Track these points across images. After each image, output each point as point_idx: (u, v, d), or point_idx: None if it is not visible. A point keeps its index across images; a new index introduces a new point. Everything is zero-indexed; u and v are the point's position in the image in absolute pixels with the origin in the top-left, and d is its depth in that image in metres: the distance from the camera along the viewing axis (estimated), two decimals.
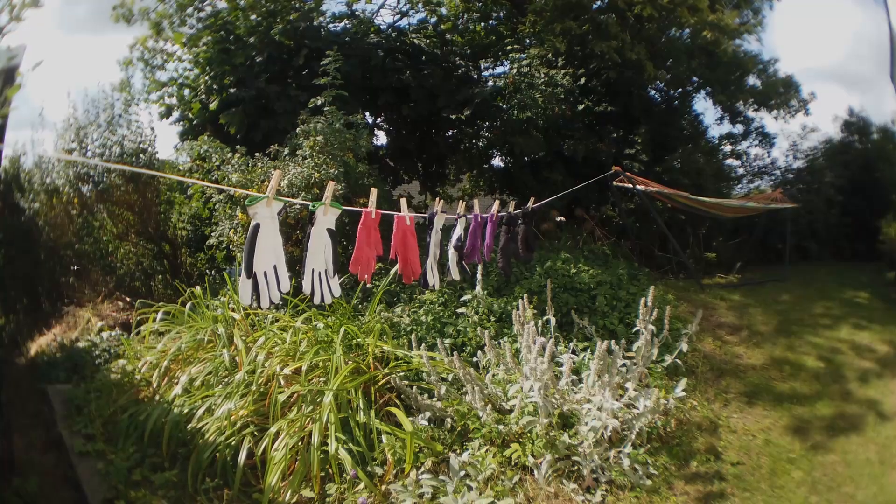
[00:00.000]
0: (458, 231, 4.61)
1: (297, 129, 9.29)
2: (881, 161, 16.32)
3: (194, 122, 12.42)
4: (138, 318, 8.29)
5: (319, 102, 9.49)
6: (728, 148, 17.73)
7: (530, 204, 5.72)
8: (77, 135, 11.46)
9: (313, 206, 3.26)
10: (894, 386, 7.25)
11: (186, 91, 12.96)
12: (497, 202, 5.29)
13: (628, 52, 11.74)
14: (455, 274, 4.57)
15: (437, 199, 4.38)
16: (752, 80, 16.66)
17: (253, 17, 12.80)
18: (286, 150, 9.27)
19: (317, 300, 3.28)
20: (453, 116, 12.71)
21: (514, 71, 12.85)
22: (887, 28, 14.20)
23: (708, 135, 16.98)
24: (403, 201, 3.99)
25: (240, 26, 12.76)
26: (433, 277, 4.26)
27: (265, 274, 3.00)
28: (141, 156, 11.87)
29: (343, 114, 9.28)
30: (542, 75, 12.69)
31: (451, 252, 4.54)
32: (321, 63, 10.06)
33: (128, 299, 11.07)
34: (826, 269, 14.50)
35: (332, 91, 9.58)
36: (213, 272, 12.06)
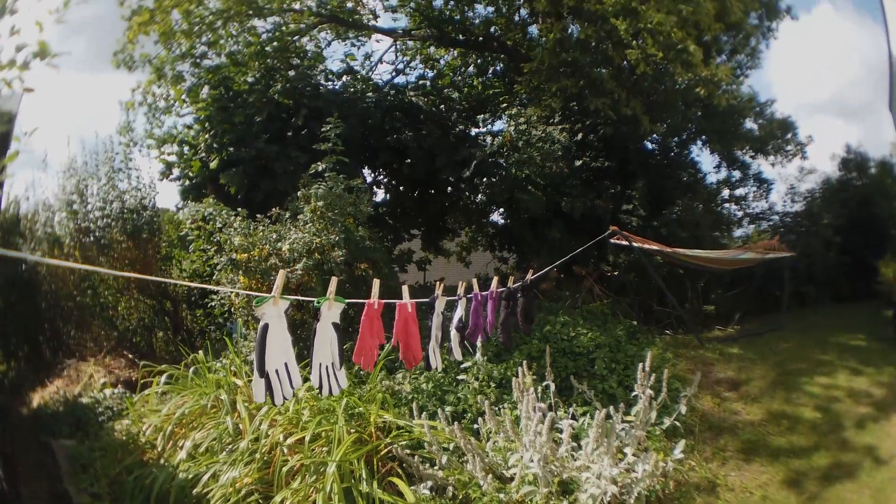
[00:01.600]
0: (458, 312, 4.69)
1: (299, 193, 9.41)
2: (879, 196, 16.39)
3: (195, 180, 12.54)
4: (142, 380, 8.36)
5: (321, 168, 9.60)
6: (726, 193, 17.92)
7: (529, 276, 5.81)
8: (77, 187, 11.60)
9: (318, 303, 3.36)
10: (890, 429, 7.31)
11: (186, 148, 13.11)
12: (496, 278, 5.39)
13: (623, 108, 11.89)
14: (458, 354, 4.66)
15: (439, 282, 4.47)
16: (749, 124, 16.89)
17: (251, 77, 13.01)
18: (287, 214, 9.37)
19: (325, 392, 3.37)
20: (452, 178, 12.86)
21: (512, 128, 13.05)
22: (887, 58, 14.44)
23: (706, 181, 17.18)
24: (405, 288, 4.09)
25: (239, 82, 12.95)
26: (435, 360, 4.34)
27: (277, 372, 3.08)
28: (143, 212, 12.02)
29: (343, 178, 9.39)
30: (540, 132, 12.86)
31: (454, 333, 4.63)
32: (322, 130, 10.20)
33: (129, 356, 11.11)
34: (824, 313, 14.56)
35: (333, 157, 9.72)
36: (213, 328, 12.12)
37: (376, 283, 3.81)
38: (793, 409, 8.09)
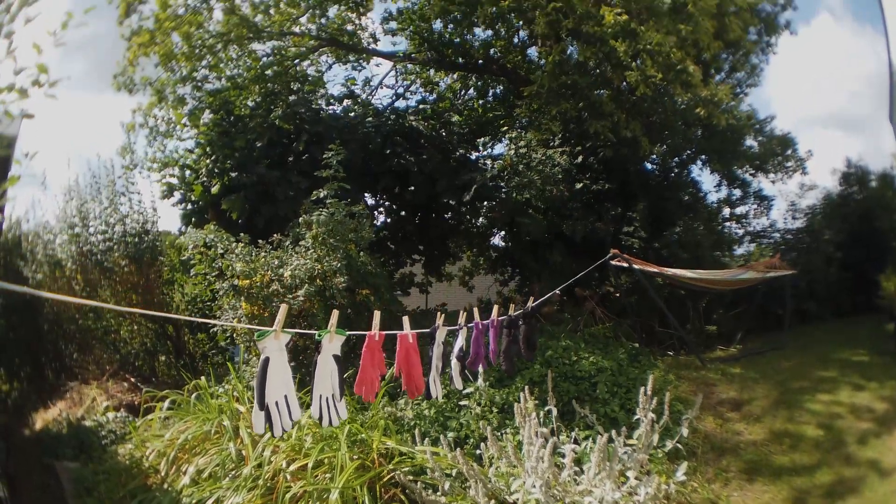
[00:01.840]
0: (459, 342, 4.72)
1: (300, 219, 9.46)
2: (880, 209, 16.36)
3: (196, 204, 12.60)
4: (145, 405, 8.39)
5: (322, 195, 9.65)
6: (727, 211, 17.96)
7: (530, 303, 5.84)
8: (79, 210, 11.65)
9: (319, 336, 3.40)
10: (892, 443, 7.33)
11: (188, 172, 13.17)
12: (497, 306, 5.41)
13: (623, 130, 11.94)
14: (458, 383, 4.68)
15: (440, 313, 4.50)
16: (749, 141, 16.94)
17: (251, 102, 13.09)
18: (289, 240, 9.41)
19: (325, 424, 3.41)
20: (453, 202, 12.92)
21: (512, 152, 13.11)
22: (887, 67, 14.47)
23: (707, 200, 17.22)
24: (406, 319, 4.12)
25: (239, 106, 13.03)
26: (437, 389, 4.37)
27: (277, 404, 3.13)
28: (145, 237, 12.06)
29: (345, 203, 9.44)
30: (540, 155, 12.92)
31: (455, 362, 4.66)
32: (323, 157, 10.24)
33: (132, 379, 11.14)
34: (826, 329, 14.56)
35: (334, 184, 9.76)
36: (215, 352, 12.13)
37: (377, 314, 3.84)
38: (795, 428, 8.10)
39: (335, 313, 3.49)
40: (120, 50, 12.93)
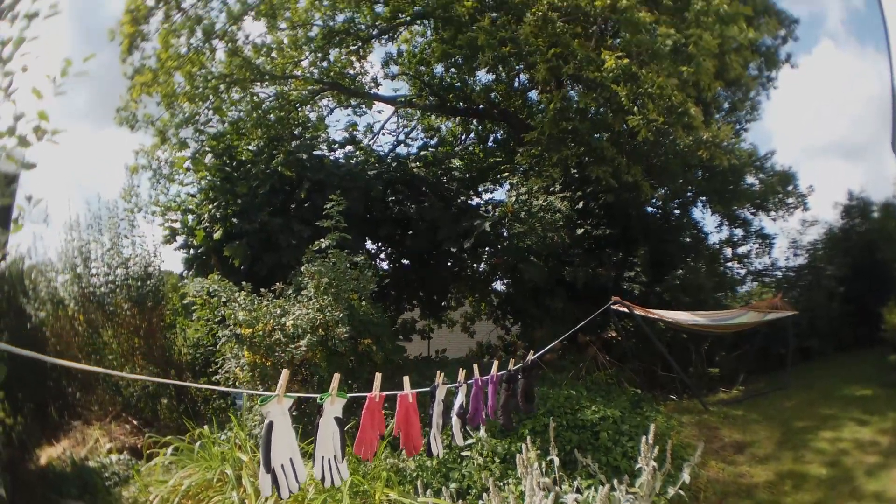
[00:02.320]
0: (459, 399, 4.76)
1: (303, 268, 9.51)
2: (882, 240, 16.35)
3: (199, 250, 12.68)
4: (148, 451, 8.40)
5: (324, 245, 9.72)
6: (729, 251, 17.99)
7: (529, 357, 5.87)
8: (81, 251, 11.70)
9: (321, 399, 3.44)
10: None
11: (190, 216, 13.27)
12: (496, 362, 5.44)
13: (624, 175, 12.00)
14: (459, 440, 4.71)
15: (440, 372, 4.54)
16: (751, 179, 17.01)
17: (253, 146, 13.22)
18: (291, 289, 9.49)
19: (327, 484, 3.45)
20: (454, 249, 13.00)
21: (513, 198, 13.19)
22: (890, 93, 14.56)
23: (709, 240, 17.27)
24: (406, 380, 4.16)
25: (242, 150, 13.16)
26: (437, 447, 4.40)
27: (283, 467, 3.19)
28: (147, 281, 12.11)
29: (347, 253, 9.53)
30: (541, 201, 13.00)
31: (455, 419, 4.68)
32: (325, 207, 10.33)
33: (134, 422, 11.14)
34: (829, 365, 14.62)
35: (336, 234, 9.83)
36: (217, 396, 12.12)
37: (378, 376, 3.89)
38: (800, 468, 8.11)
39: (336, 376, 3.54)
40: (122, 82, 13.09)
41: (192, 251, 12.96)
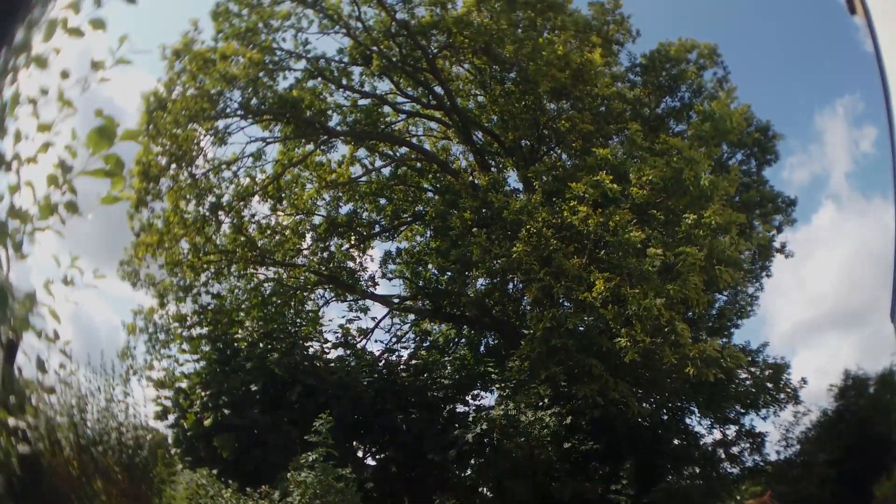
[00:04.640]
0: None
1: (289, 474, 9.51)
2: (878, 415, 16.01)
3: (189, 433, 12.68)
4: None
5: (311, 459, 9.74)
6: (721, 452, 17.78)
7: None
8: (77, 403, 11.66)
9: None
10: None
11: (181, 396, 13.31)
12: None
13: (612, 392, 12.06)
14: None
15: None
16: (742, 374, 17.01)
17: (248, 338, 13.44)
18: (277, 493, 9.47)
19: None
20: (438, 459, 13.05)
21: (501, 413, 13.23)
22: (892, 264, 14.62)
23: (701, 442, 17.13)
24: None
25: (237, 335, 13.37)
26: None
27: None
28: (139, 451, 12.03)
29: (332, 464, 9.55)
30: (530, 416, 13.05)
31: None
32: (315, 416, 10.42)
33: None
34: None
35: (324, 449, 9.86)
36: None
37: None
38: None
39: None
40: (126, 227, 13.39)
41: (181, 432, 12.93)
